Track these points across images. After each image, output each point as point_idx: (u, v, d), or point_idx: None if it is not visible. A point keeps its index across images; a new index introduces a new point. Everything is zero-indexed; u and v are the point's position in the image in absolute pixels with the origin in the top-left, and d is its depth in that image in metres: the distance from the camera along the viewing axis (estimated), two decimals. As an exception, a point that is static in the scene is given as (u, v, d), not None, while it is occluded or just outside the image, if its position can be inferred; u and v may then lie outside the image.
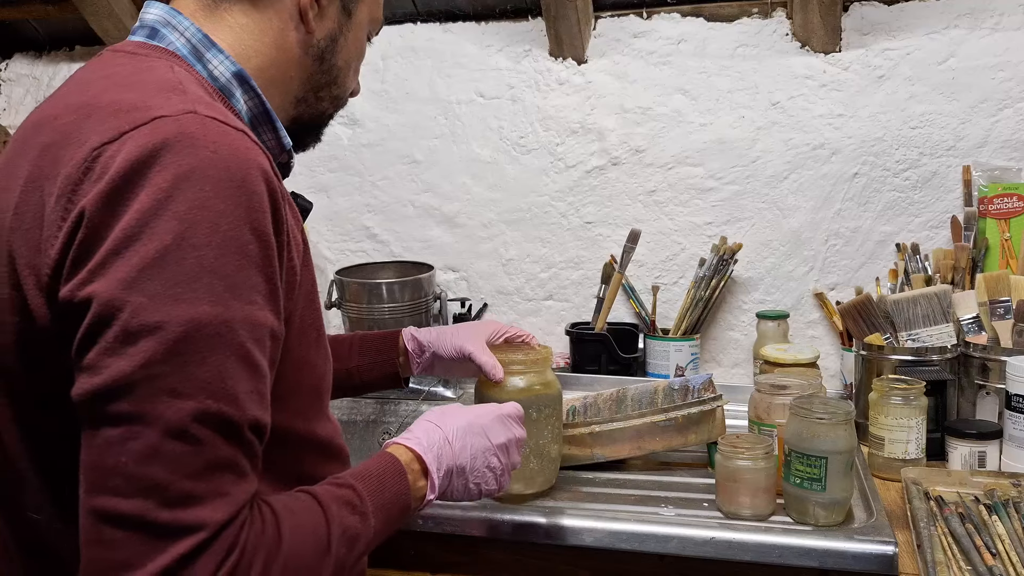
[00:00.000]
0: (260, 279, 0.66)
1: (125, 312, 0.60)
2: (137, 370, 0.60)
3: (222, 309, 0.63)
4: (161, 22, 0.77)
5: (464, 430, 0.91)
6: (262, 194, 0.66)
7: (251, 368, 0.65)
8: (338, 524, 0.72)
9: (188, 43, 0.77)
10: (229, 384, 0.63)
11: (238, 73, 0.78)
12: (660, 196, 1.81)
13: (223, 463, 0.63)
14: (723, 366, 1.82)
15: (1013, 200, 1.57)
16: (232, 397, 0.63)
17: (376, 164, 1.96)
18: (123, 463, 0.60)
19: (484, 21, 1.89)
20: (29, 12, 1.98)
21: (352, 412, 1.66)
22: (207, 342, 0.62)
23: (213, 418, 0.62)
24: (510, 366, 1.16)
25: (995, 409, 1.35)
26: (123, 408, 0.60)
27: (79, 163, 0.64)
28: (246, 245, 0.65)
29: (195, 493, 0.61)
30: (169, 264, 0.61)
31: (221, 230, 0.63)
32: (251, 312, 0.65)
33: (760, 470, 1.11)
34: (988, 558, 1.02)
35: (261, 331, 0.66)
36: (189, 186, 0.62)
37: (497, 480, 0.94)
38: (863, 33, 1.70)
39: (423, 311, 1.83)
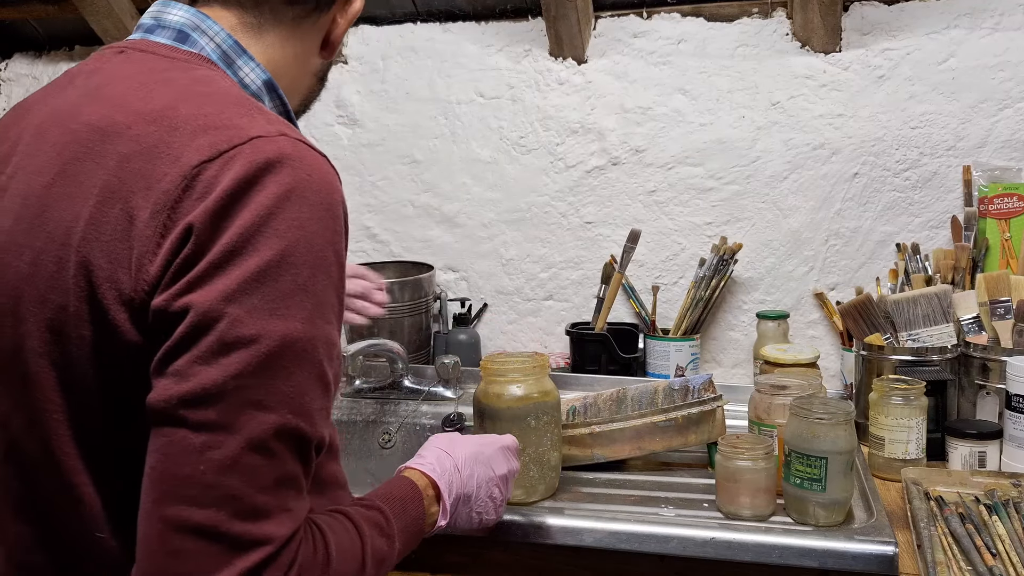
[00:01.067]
0: (335, 299, 0.68)
1: (223, 323, 0.61)
2: (229, 380, 0.61)
3: (310, 327, 0.64)
4: (190, 26, 0.77)
5: (472, 459, 0.93)
6: (341, 217, 0.69)
7: (324, 386, 0.67)
8: (371, 546, 0.73)
9: (219, 48, 0.77)
10: (307, 401, 0.64)
11: (268, 81, 0.79)
12: (660, 196, 1.81)
13: (290, 479, 0.64)
14: (723, 366, 1.82)
15: (1013, 200, 1.57)
16: (308, 414, 0.64)
17: (376, 164, 1.96)
18: (201, 472, 0.60)
19: (484, 21, 1.89)
20: (29, 12, 1.98)
21: (352, 412, 1.66)
22: (295, 358, 0.63)
23: (291, 433, 0.63)
24: (508, 374, 1.16)
25: (995, 409, 1.35)
26: (208, 416, 0.60)
27: (177, 180, 0.64)
28: (331, 266, 0.67)
29: (266, 507, 0.61)
30: (268, 280, 0.62)
31: (315, 250, 0.65)
32: (329, 332, 0.67)
33: (760, 470, 1.11)
34: (988, 558, 1.02)
35: (334, 350, 0.68)
36: (289, 206, 0.64)
37: (495, 510, 0.97)
38: (863, 33, 1.70)
39: (423, 311, 1.83)
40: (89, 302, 0.65)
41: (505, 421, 1.15)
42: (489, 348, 1.92)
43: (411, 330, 1.81)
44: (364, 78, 1.95)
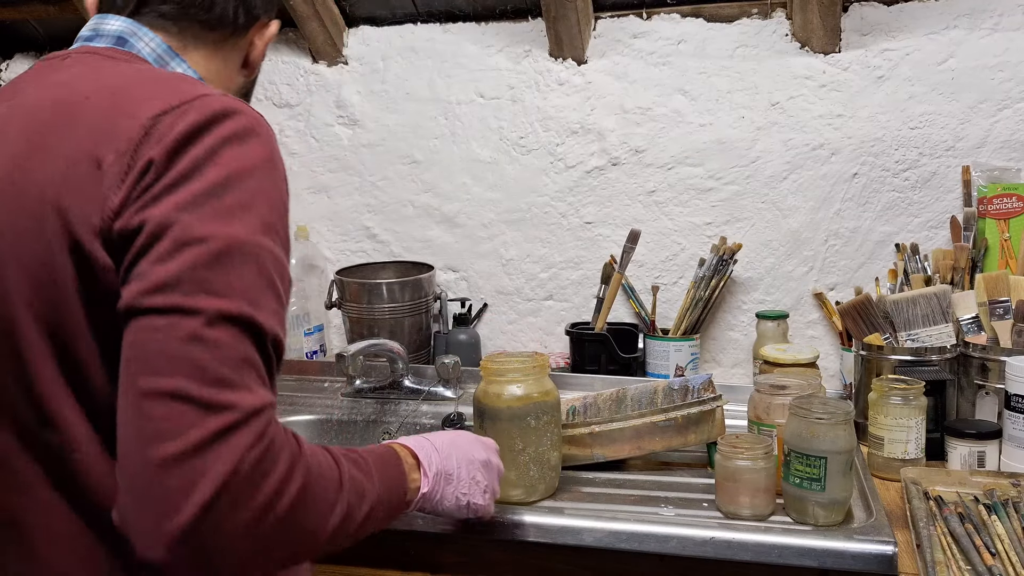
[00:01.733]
0: (281, 229, 0.75)
1: (176, 227, 0.68)
2: (185, 271, 0.67)
3: (255, 236, 0.71)
4: (128, 33, 0.86)
5: (449, 444, 0.98)
6: (282, 168, 0.78)
7: (275, 293, 0.72)
8: (347, 471, 0.77)
9: (154, 52, 0.87)
10: (258, 297, 0.70)
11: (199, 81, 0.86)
12: (660, 196, 1.82)
13: (250, 362, 0.69)
14: (723, 366, 1.83)
15: (1012, 200, 1.57)
16: (262, 308, 0.70)
17: (376, 164, 1.96)
18: (168, 346, 0.66)
19: (484, 21, 1.89)
20: (29, 12, 1.98)
21: (352, 412, 1.66)
22: (244, 257, 0.70)
23: (246, 321, 0.69)
24: (508, 374, 1.16)
25: (994, 409, 1.35)
26: (169, 301, 0.67)
27: (138, 128, 0.72)
28: (271, 197, 0.75)
29: (229, 379, 0.67)
30: (214, 196, 0.70)
31: (257, 181, 0.73)
32: (274, 249, 0.73)
33: (760, 470, 1.11)
34: (987, 558, 1.02)
35: (282, 268, 0.74)
36: (234, 145, 0.73)
37: (482, 495, 1.00)
38: (863, 34, 1.70)
39: (423, 311, 1.83)
40: (68, 244, 0.72)
41: (505, 421, 1.15)
42: (489, 348, 1.92)
43: (411, 330, 1.81)
44: (364, 78, 1.95)
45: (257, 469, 0.66)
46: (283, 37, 2.00)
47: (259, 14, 0.95)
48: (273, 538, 0.68)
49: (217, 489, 0.64)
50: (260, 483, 0.66)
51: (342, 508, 0.75)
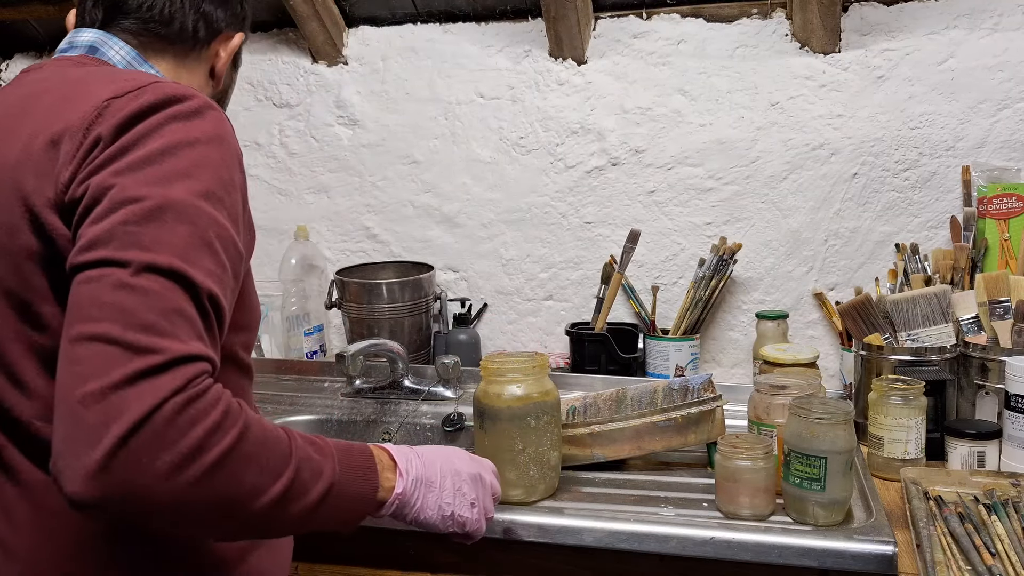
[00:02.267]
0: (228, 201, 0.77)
1: (113, 190, 0.72)
2: (117, 227, 0.70)
3: (193, 199, 0.73)
4: (99, 42, 0.91)
5: (433, 453, 0.96)
6: (234, 147, 0.81)
7: (214, 254, 0.74)
8: (301, 448, 0.78)
9: (124, 59, 0.91)
10: (194, 254, 0.72)
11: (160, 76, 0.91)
12: (660, 196, 1.82)
13: (182, 314, 0.70)
14: (723, 366, 1.83)
15: (1012, 200, 1.57)
16: (195, 264, 0.72)
17: (376, 164, 1.96)
18: (98, 294, 0.68)
19: (484, 22, 1.89)
20: (29, 12, 1.98)
21: (352, 412, 1.66)
22: (178, 216, 0.72)
23: (176, 274, 0.70)
24: (508, 374, 1.16)
25: (994, 409, 1.35)
26: (101, 254, 0.70)
27: (91, 109, 0.76)
28: (221, 173, 0.77)
29: (157, 326, 0.68)
30: (153, 162, 0.73)
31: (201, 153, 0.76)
32: (217, 215, 0.75)
33: (760, 470, 1.11)
34: (987, 558, 1.02)
35: (225, 234, 0.76)
36: (179, 122, 0.76)
37: (470, 509, 0.96)
38: (862, 34, 1.70)
39: (423, 311, 1.83)
40: (27, 216, 0.76)
41: (505, 421, 1.15)
42: (489, 348, 1.92)
43: (411, 330, 1.81)
44: (364, 79, 1.95)
45: (182, 413, 0.66)
46: (283, 37, 2.00)
47: (221, 27, 0.99)
48: (198, 489, 0.67)
49: (133, 424, 0.64)
50: (185, 428, 0.66)
51: (287, 480, 0.74)
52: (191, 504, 0.68)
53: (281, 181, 2.03)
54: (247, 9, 1.05)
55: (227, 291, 0.76)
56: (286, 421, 1.64)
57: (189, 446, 0.66)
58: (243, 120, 2.01)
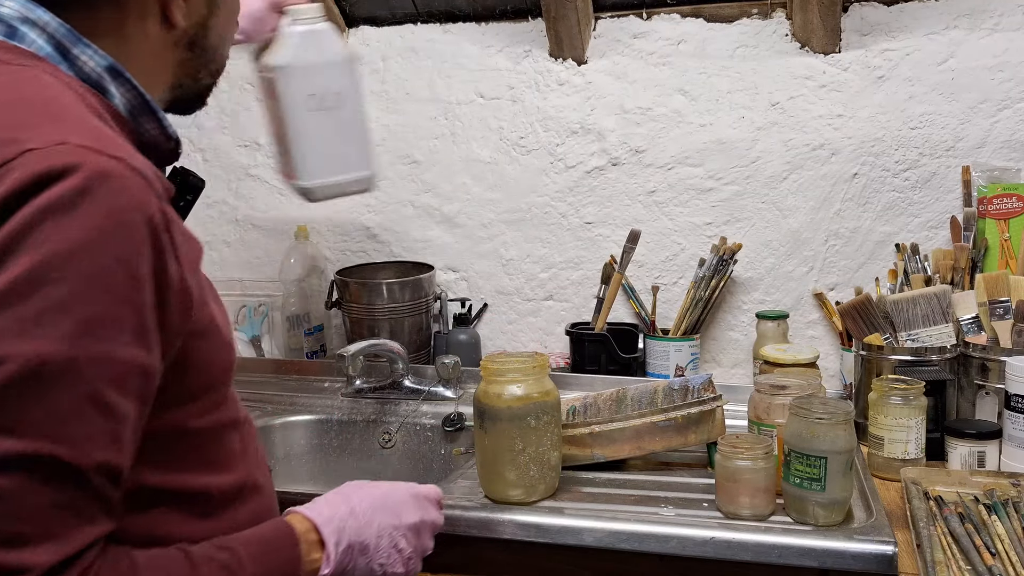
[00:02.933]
0: (127, 314, 0.63)
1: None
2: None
3: (71, 347, 0.60)
4: (18, 17, 0.72)
5: (373, 506, 0.88)
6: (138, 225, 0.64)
7: (102, 410, 0.62)
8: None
9: (51, 39, 0.72)
10: (70, 427, 0.60)
11: (111, 67, 0.74)
12: (660, 196, 1.82)
13: (56, 507, 0.60)
14: (723, 366, 1.83)
15: (1012, 200, 1.57)
16: (71, 440, 0.60)
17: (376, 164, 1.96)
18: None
19: (484, 22, 1.89)
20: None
21: (352, 412, 1.66)
22: (48, 381, 0.59)
23: (44, 461, 0.59)
24: (508, 374, 1.16)
25: (994, 409, 1.35)
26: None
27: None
28: (113, 279, 0.62)
29: (22, 535, 0.58)
30: (16, 297, 0.59)
31: (84, 263, 0.61)
32: (110, 351, 0.62)
33: (760, 470, 1.11)
34: (987, 558, 1.02)
35: (123, 370, 0.63)
36: (53, 218, 0.60)
37: (404, 563, 0.90)
38: (863, 34, 1.70)
39: (423, 311, 1.83)
40: None
41: (505, 421, 1.15)
42: (489, 348, 1.92)
43: (411, 330, 1.81)
44: (364, 79, 1.95)
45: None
46: (283, 37, 2.00)
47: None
48: None
49: None
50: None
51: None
52: None
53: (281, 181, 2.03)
54: None
55: (127, 437, 0.65)
56: (287, 421, 1.64)
57: None
58: (243, 120, 2.01)
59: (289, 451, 1.63)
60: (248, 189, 2.02)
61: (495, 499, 1.18)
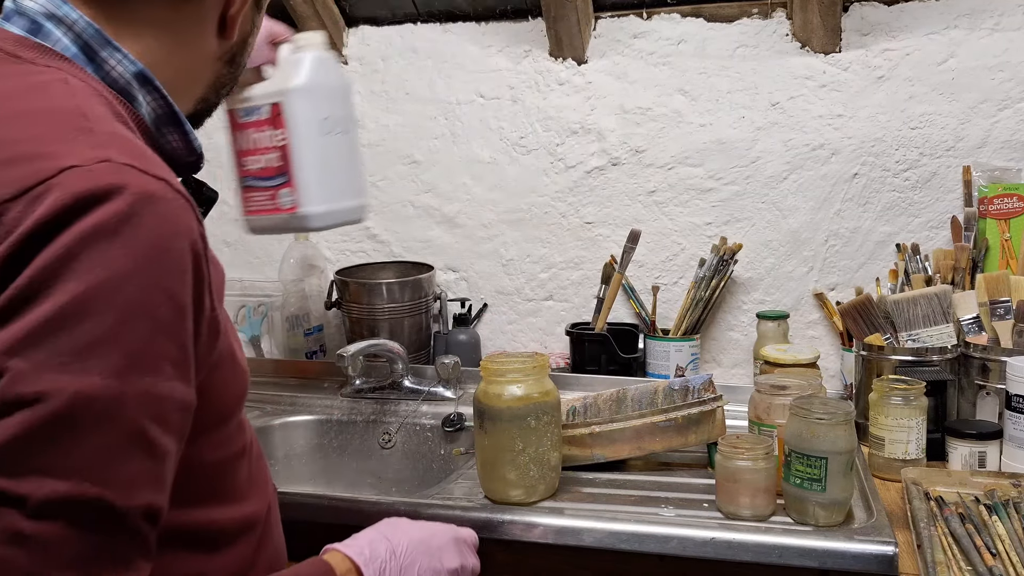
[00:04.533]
0: (170, 347, 0.60)
1: (4, 380, 0.54)
2: (8, 443, 0.54)
3: (116, 382, 0.56)
4: (44, 14, 0.68)
5: (414, 547, 0.86)
6: (184, 254, 0.61)
7: (146, 449, 0.59)
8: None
9: (78, 39, 0.68)
10: (115, 467, 0.57)
11: (140, 73, 0.70)
12: (660, 196, 1.81)
13: (97, 553, 0.56)
14: (723, 366, 1.82)
15: (1013, 200, 1.57)
16: (116, 482, 0.57)
17: (376, 164, 1.96)
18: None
19: (484, 21, 1.89)
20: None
21: (352, 412, 1.66)
22: (93, 419, 0.56)
23: (90, 504, 0.56)
24: (508, 374, 1.16)
25: (995, 409, 1.35)
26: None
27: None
28: (157, 311, 0.59)
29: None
30: (60, 330, 0.55)
31: (129, 293, 0.57)
32: (154, 386, 0.59)
33: (760, 470, 1.11)
34: (988, 558, 1.02)
35: (165, 406, 0.60)
36: (97, 244, 0.56)
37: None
38: (863, 34, 1.70)
39: (423, 311, 1.83)
40: None
41: (505, 421, 1.15)
42: (489, 348, 1.92)
43: (411, 330, 1.81)
44: (364, 79, 1.95)
45: None
46: (283, 37, 2.00)
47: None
48: None
49: None
50: None
51: None
52: None
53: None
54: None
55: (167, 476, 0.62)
56: (286, 421, 1.64)
57: None
58: (243, 120, 2.01)
59: (289, 451, 1.63)
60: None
61: (495, 499, 1.18)
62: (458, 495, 1.21)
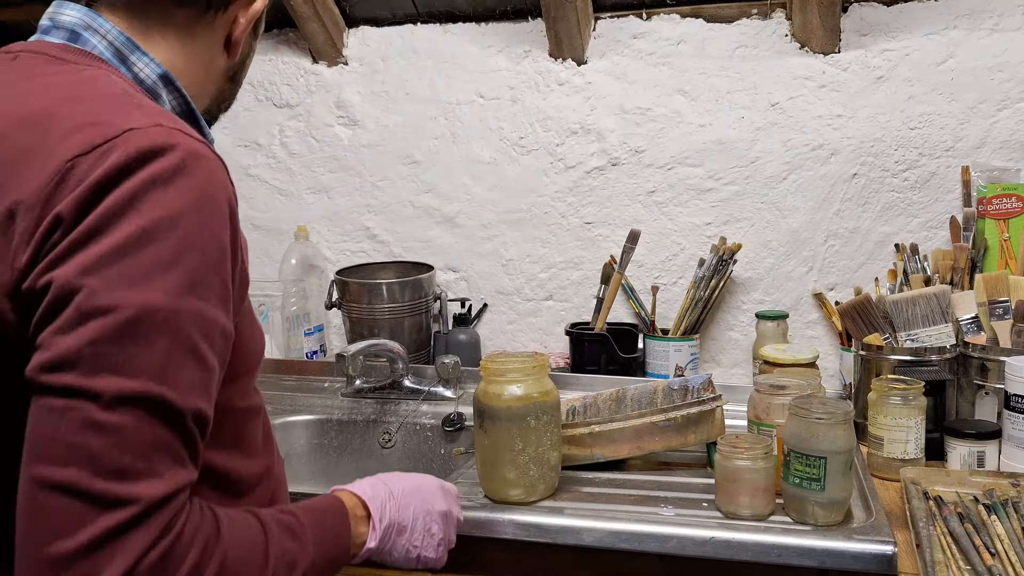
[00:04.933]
0: (216, 281, 0.69)
1: (80, 294, 0.63)
2: (84, 346, 0.62)
3: (174, 300, 0.65)
4: (82, 25, 0.79)
5: (409, 491, 0.95)
6: (223, 206, 0.71)
7: (198, 361, 0.67)
8: (277, 544, 0.74)
9: (111, 46, 0.79)
10: (173, 372, 0.65)
11: (164, 75, 0.81)
12: (660, 196, 1.82)
13: (160, 445, 0.64)
14: (722, 366, 1.83)
15: (1012, 200, 1.57)
16: (175, 384, 0.65)
17: (376, 164, 1.96)
18: (62, 432, 0.62)
19: (484, 22, 1.89)
20: (29, 12, 1.98)
21: (352, 412, 1.66)
22: (156, 328, 0.64)
23: (154, 400, 0.64)
24: (508, 374, 1.16)
25: (994, 409, 1.35)
26: (67, 380, 0.62)
27: (51, 175, 0.66)
28: (206, 247, 0.68)
29: (131, 468, 0.62)
30: (127, 255, 0.64)
31: (183, 230, 0.67)
32: (204, 308, 0.68)
33: (759, 470, 1.12)
34: (987, 558, 1.02)
35: (212, 328, 0.69)
36: (156, 189, 0.66)
37: (435, 549, 0.97)
38: (862, 34, 1.70)
39: (423, 311, 1.83)
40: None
41: (505, 421, 1.15)
42: (489, 348, 1.92)
43: (411, 330, 1.81)
44: (364, 79, 1.95)
45: (159, 568, 0.62)
46: (283, 37, 2.00)
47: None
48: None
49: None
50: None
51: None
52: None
53: (281, 181, 2.03)
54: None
55: (212, 391, 0.70)
56: (287, 421, 1.64)
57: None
58: (243, 120, 2.01)
59: (289, 451, 1.63)
60: (248, 189, 2.02)
61: (495, 499, 1.18)
62: (458, 495, 1.21)
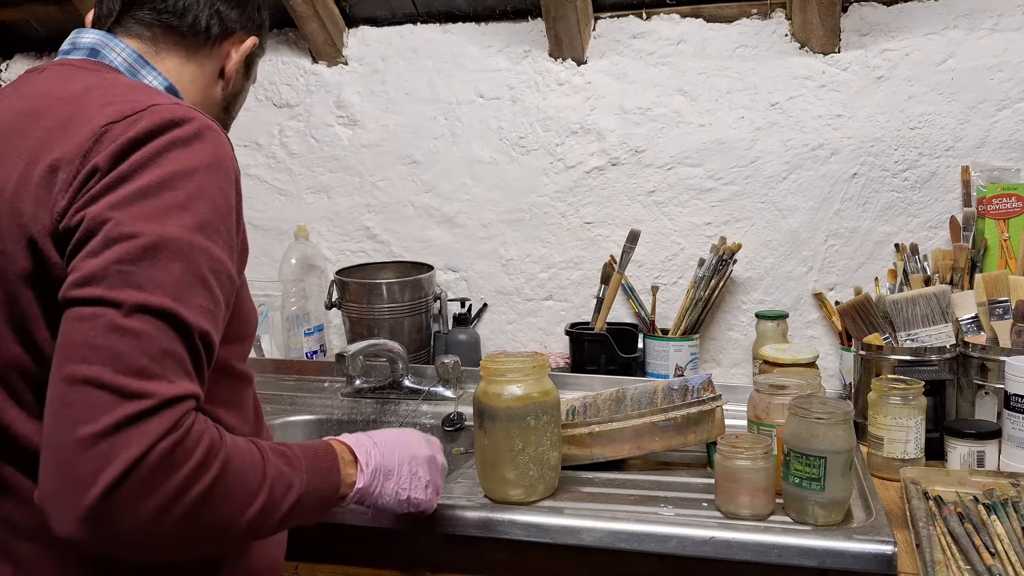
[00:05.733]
0: (223, 229, 0.79)
1: (108, 224, 0.73)
2: (111, 265, 0.72)
3: (188, 235, 0.75)
4: (100, 44, 0.92)
5: (392, 442, 1.00)
6: (230, 170, 0.82)
7: (207, 290, 0.76)
8: (274, 466, 0.81)
9: (125, 62, 0.92)
10: (186, 293, 0.74)
11: (170, 87, 0.94)
12: (659, 196, 1.82)
13: (173, 355, 0.72)
14: (722, 366, 1.83)
15: (1012, 200, 1.57)
16: (188, 304, 0.74)
17: (376, 164, 1.96)
18: (91, 335, 0.70)
19: (484, 22, 1.89)
20: (29, 12, 1.98)
21: (352, 412, 1.66)
22: (172, 254, 0.74)
23: (168, 314, 0.72)
24: (508, 374, 1.16)
25: (994, 409, 1.35)
26: (94, 292, 0.71)
27: (88, 136, 0.77)
28: (215, 199, 0.79)
29: (149, 369, 0.70)
30: (149, 196, 0.75)
31: (197, 183, 0.77)
32: (212, 248, 0.77)
33: (759, 470, 1.12)
34: (987, 558, 1.02)
35: (219, 266, 0.78)
36: (177, 149, 0.78)
37: (423, 490, 1.02)
38: (862, 34, 1.70)
39: (423, 311, 1.83)
40: (24, 241, 0.77)
41: (505, 421, 1.15)
42: (489, 348, 1.92)
43: (411, 330, 1.81)
44: (364, 79, 1.95)
45: (169, 457, 0.69)
46: (283, 37, 2.00)
47: (235, 28, 1.00)
48: (183, 525, 0.71)
49: (124, 471, 0.67)
50: (171, 471, 0.69)
51: (262, 500, 0.78)
52: (174, 538, 0.72)
53: (281, 181, 2.03)
54: (264, 16, 1.08)
55: (218, 323, 0.78)
56: (286, 421, 1.64)
57: (174, 488, 0.70)
58: (243, 120, 2.01)
59: (289, 451, 1.63)
60: (248, 189, 2.02)
61: (495, 499, 1.18)
62: (458, 494, 1.21)
